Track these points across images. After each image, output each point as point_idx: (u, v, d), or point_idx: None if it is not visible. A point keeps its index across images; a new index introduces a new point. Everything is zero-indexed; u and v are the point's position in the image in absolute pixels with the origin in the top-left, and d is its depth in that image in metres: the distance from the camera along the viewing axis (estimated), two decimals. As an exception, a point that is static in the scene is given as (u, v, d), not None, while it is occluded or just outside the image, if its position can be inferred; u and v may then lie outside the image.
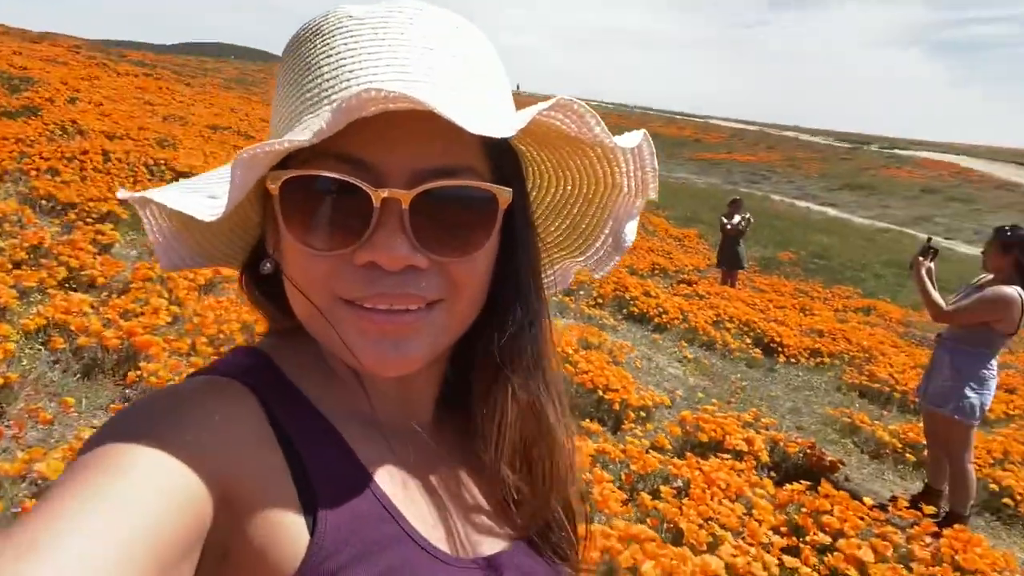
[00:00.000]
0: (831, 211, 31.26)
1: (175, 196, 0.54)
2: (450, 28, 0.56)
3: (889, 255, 19.44)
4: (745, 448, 4.30)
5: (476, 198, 0.54)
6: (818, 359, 7.81)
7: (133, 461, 0.45)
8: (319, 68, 0.54)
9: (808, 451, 4.71)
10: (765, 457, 4.40)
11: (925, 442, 4.68)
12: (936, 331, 4.55)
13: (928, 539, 3.48)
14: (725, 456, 4.15)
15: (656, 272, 12.05)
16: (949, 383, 4.10)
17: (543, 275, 0.67)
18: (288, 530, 0.51)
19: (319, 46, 0.55)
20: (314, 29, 0.57)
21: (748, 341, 7.87)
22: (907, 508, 3.90)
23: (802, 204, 32.09)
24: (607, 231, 0.67)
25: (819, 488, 3.68)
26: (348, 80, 0.53)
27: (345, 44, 0.54)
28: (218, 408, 0.52)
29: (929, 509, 3.93)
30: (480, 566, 0.59)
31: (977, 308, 4.00)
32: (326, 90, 0.53)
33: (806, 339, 8.24)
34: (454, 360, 0.66)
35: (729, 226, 11.19)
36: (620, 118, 57.50)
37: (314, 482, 0.53)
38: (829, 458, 4.75)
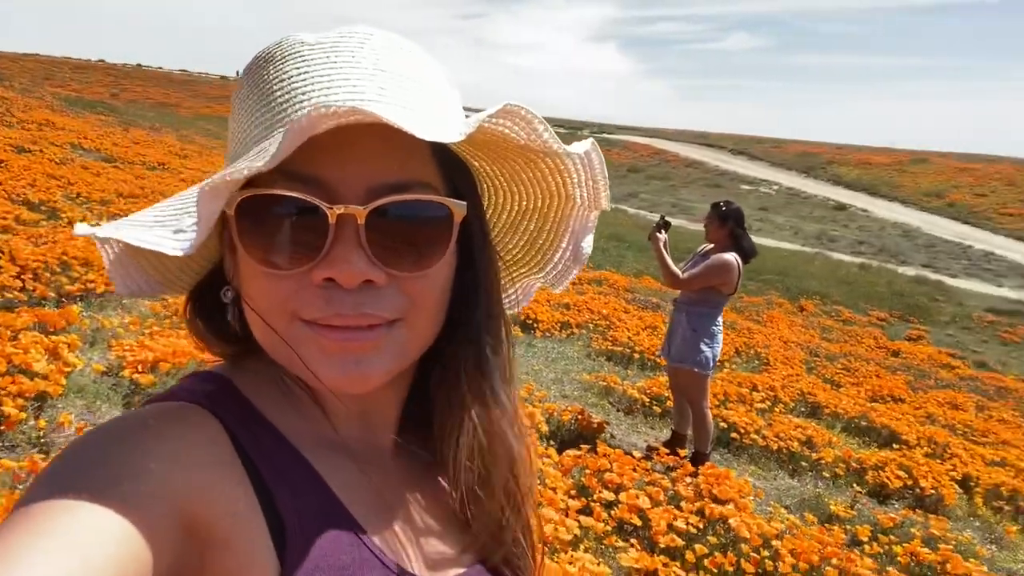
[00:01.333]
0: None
1: (139, 234, 0.52)
2: (400, 51, 0.57)
3: (610, 229, 21.64)
4: (528, 422, 4.55)
5: (431, 212, 0.56)
6: (568, 330, 8.49)
7: (80, 503, 0.43)
8: (272, 94, 0.55)
9: (579, 416, 5.13)
10: (544, 428, 4.71)
11: (670, 394, 5.35)
12: (671, 297, 5.21)
13: (688, 479, 4.00)
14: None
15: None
16: (688, 341, 4.73)
17: (504, 293, 0.69)
18: (257, 559, 0.51)
19: (272, 72, 0.56)
20: (266, 57, 0.57)
21: (506, 321, 8.30)
22: (667, 455, 4.43)
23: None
24: (564, 244, 0.68)
25: (597, 449, 4.04)
26: (300, 103, 0.53)
27: (297, 69, 0.55)
28: (180, 435, 0.51)
29: (683, 452, 4.52)
30: None
31: (705, 274, 4.65)
32: (278, 114, 0.54)
33: (556, 313, 8.91)
34: (414, 381, 0.66)
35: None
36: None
37: (282, 509, 0.53)
38: (596, 420, 5.22)
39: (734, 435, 5.65)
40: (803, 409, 7.45)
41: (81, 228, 0.55)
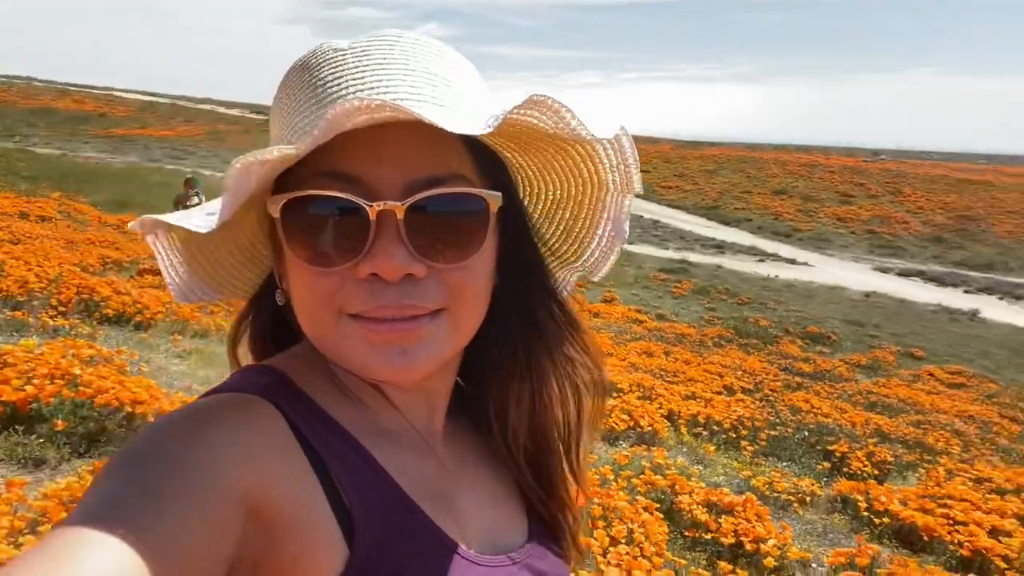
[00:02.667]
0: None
1: (175, 217, 0.55)
2: (430, 52, 0.60)
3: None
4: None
5: (467, 205, 0.57)
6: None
7: (147, 493, 0.45)
8: (306, 99, 0.57)
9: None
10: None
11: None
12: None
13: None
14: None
15: (108, 266, 10.79)
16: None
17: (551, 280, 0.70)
18: (324, 543, 0.52)
19: (306, 80, 0.58)
20: (302, 65, 0.59)
21: (239, 320, 7.82)
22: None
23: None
24: (600, 231, 0.69)
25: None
26: (334, 104, 0.54)
27: (331, 72, 0.57)
28: (242, 423, 0.52)
29: None
30: (511, 562, 0.64)
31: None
32: (313, 116, 0.56)
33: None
34: (464, 367, 0.68)
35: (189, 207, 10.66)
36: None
37: (346, 495, 0.54)
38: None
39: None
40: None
41: (133, 224, 0.57)
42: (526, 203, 0.69)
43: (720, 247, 29.88)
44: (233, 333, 0.68)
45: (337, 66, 0.57)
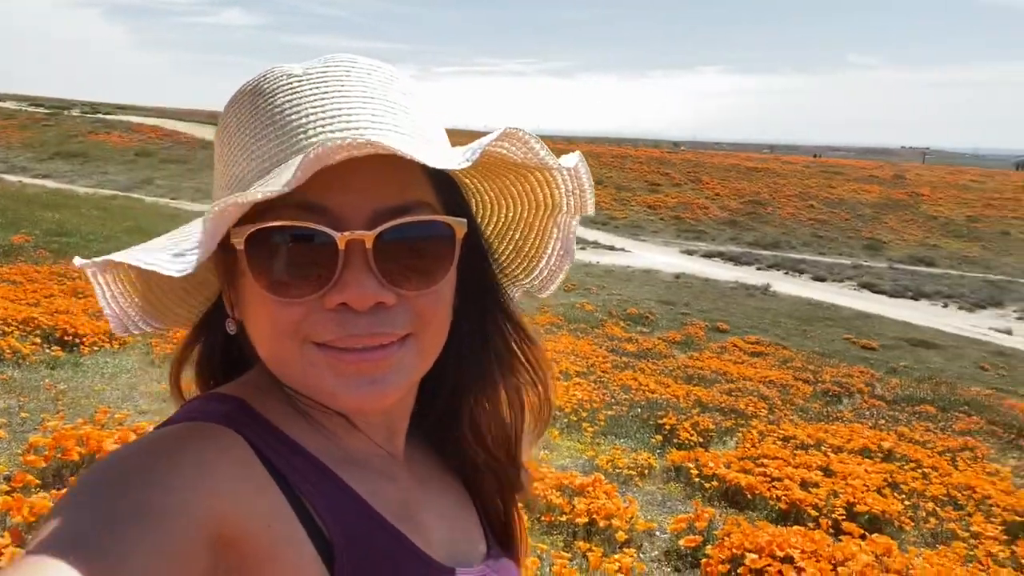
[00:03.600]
0: (50, 183, 28.87)
1: (140, 256, 0.52)
2: (384, 77, 0.61)
3: (129, 222, 19.44)
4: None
5: (434, 231, 0.58)
6: (120, 341, 7.53)
7: (123, 524, 0.44)
8: (265, 127, 0.57)
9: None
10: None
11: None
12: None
13: None
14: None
15: None
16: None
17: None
18: (305, 571, 0.52)
19: (261, 106, 0.57)
20: (254, 90, 0.58)
21: (38, 341, 6.97)
22: None
23: (13, 178, 28.57)
24: (550, 251, 0.71)
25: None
26: (296, 135, 0.56)
27: (288, 101, 0.57)
28: (207, 451, 0.52)
29: None
30: (479, 572, 0.67)
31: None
32: (278, 146, 0.56)
33: (102, 323, 7.80)
34: (420, 389, 0.69)
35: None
36: None
37: (321, 520, 0.54)
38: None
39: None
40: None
41: (79, 260, 0.55)
42: (479, 223, 0.71)
43: (544, 237, 30.92)
44: (176, 363, 0.66)
45: (293, 93, 0.56)
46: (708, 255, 30.74)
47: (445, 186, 0.63)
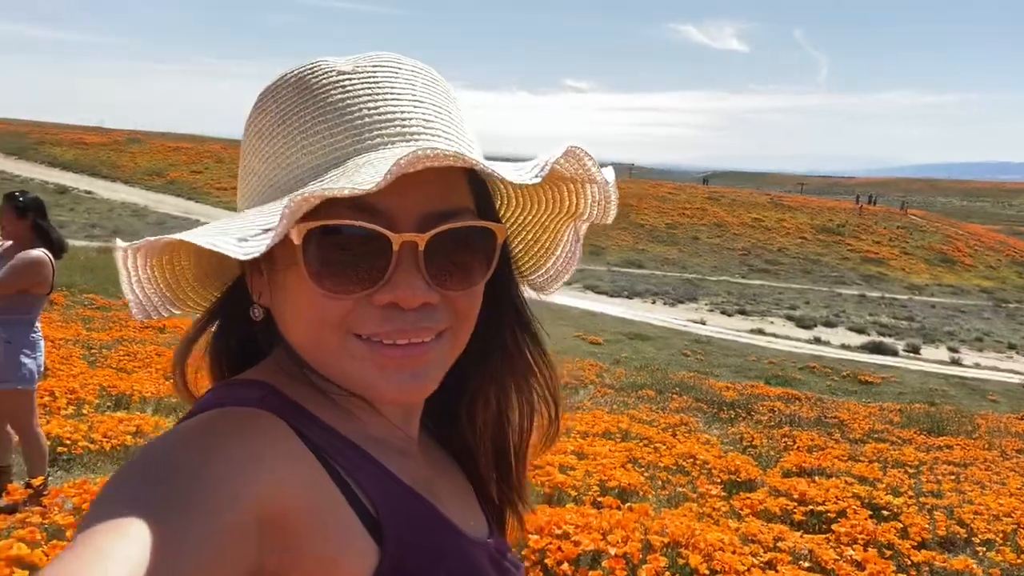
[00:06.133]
0: None
1: (205, 238, 0.52)
2: (428, 80, 0.63)
3: None
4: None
5: (478, 235, 0.61)
6: None
7: (156, 510, 0.44)
8: (318, 123, 0.57)
9: None
10: None
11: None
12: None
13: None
14: None
15: None
16: (5, 356, 4.03)
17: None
18: (355, 544, 0.55)
19: (310, 101, 0.58)
20: (297, 83, 0.59)
21: None
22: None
23: None
24: (559, 252, 0.74)
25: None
26: (354, 134, 0.57)
27: (342, 99, 0.58)
28: (256, 434, 0.53)
29: (16, 488, 3.84)
30: (494, 545, 0.71)
31: (14, 276, 4.01)
32: (333, 144, 0.57)
33: None
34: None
35: None
36: None
37: (365, 495, 0.57)
38: None
39: (61, 448, 5.11)
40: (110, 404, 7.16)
41: (121, 243, 0.56)
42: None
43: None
44: (183, 350, 0.65)
45: (346, 92, 0.58)
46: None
47: (481, 190, 0.65)
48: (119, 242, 0.56)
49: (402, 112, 0.58)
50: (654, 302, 28.82)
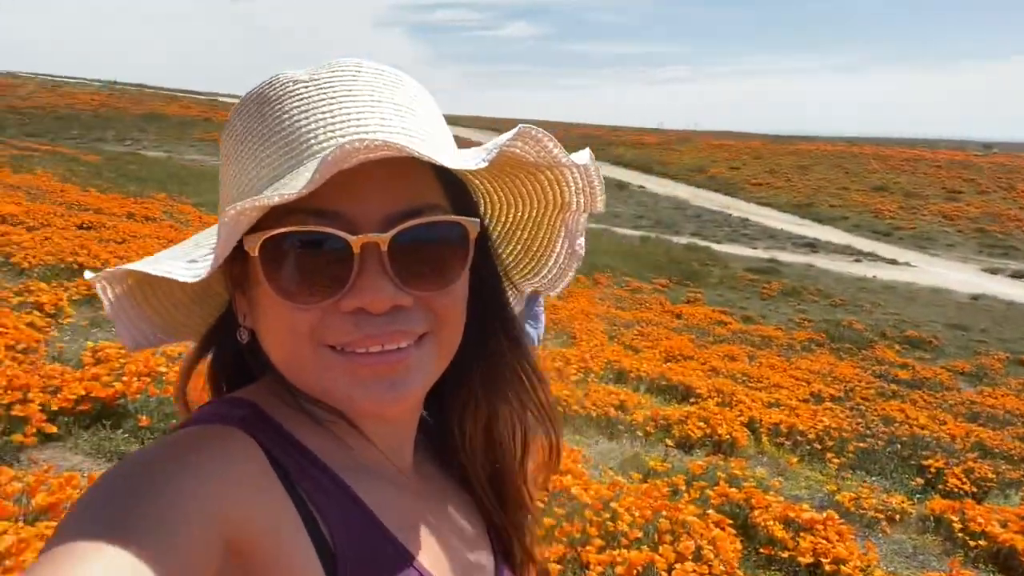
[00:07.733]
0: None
1: (153, 265, 0.53)
2: (390, 81, 0.60)
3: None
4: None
5: (447, 232, 0.58)
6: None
7: (122, 527, 0.44)
8: (275, 134, 0.56)
9: None
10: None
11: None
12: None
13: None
14: None
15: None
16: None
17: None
18: (304, 574, 0.52)
19: (267, 112, 0.57)
20: (259, 98, 0.58)
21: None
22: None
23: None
24: (559, 249, 0.70)
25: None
26: (308, 140, 0.55)
27: (296, 107, 0.56)
28: (220, 454, 0.52)
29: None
30: None
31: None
32: (287, 152, 0.55)
33: None
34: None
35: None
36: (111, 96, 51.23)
37: (328, 531, 0.54)
38: None
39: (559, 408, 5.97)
40: (611, 376, 8.05)
41: (89, 274, 0.56)
42: (488, 223, 0.70)
43: (812, 246, 28.66)
44: (184, 375, 0.66)
45: (301, 99, 0.56)
46: (1018, 275, 26.16)
47: (455, 188, 0.62)
48: (87, 274, 0.57)
49: (358, 113, 0.56)
50: None
